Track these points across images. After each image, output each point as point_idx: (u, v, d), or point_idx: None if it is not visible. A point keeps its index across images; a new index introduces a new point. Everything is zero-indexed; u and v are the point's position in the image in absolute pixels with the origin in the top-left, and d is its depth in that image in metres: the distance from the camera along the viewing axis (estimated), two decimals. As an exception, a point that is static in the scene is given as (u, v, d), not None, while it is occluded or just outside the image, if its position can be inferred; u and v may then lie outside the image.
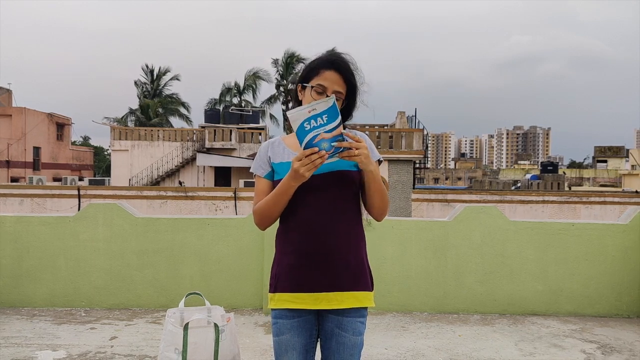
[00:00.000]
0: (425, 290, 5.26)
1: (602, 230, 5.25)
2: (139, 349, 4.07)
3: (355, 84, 1.89)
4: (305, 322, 1.89)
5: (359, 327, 1.89)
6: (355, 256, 1.88)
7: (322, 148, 1.63)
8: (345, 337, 1.86)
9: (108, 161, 45.48)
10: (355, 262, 1.87)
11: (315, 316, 1.91)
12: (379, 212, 1.92)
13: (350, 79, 1.87)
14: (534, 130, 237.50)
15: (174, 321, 2.26)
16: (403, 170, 19.92)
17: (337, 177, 1.84)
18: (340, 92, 1.85)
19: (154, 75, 46.35)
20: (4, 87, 38.24)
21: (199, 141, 30.66)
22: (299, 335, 1.88)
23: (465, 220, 5.26)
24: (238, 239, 5.28)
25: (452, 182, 61.95)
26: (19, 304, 5.24)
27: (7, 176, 32.24)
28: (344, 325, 1.87)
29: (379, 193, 1.85)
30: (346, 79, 1.85)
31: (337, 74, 1.85)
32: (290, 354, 1.88)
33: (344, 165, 1.83)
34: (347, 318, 1.86)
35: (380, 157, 1.96)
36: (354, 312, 1.87)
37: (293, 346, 1.88)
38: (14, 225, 5.27)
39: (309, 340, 1.91)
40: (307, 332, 1.90)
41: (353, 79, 1.88)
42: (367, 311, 1.95)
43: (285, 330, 1.88)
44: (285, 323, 1.88)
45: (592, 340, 4.46)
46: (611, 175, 51.90)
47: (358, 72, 1.91)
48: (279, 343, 1.90)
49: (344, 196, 1.87)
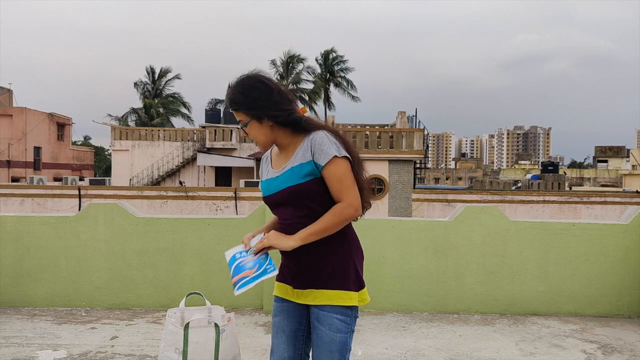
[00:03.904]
0: (426, 290, 5.26)
1: (603, 230, 5.25)
2: (139, 349, 4.07)
3: (250, 105, 1.96)
4: (294, 308, 2.07)
5: (335, 323, 1.96)
6: (325, 258, 1.97)
7: (247, 268, 1.97)
8: (322, 331, 1.96)
9: (109, 161, 45.54)
10: (327, 264, 1.97)
11: (305, 307, 2.06)
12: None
13: (239, 108, 1.98)
14: (534, 130, 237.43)
15: (175, 321, 2.26)
16: (403, 170, 19.91)
17: (287, 194, 1.96)
18: (242, 120, 2.01)
19: (155, 75, 46.39)
20: (4, 87, 38.27)
21: (199, 141, 30.67)
22: (288, 320, 2.08)
23: (466, 220, 5.26)
24: (239, 239, 5.24)
25: (452, 182, 61.94)
26: (19, 304, 5.24)
27: (8, 176, 32.25)
28: (320, 319, 1.98)
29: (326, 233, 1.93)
30: (238, 109, 1.99)
31: (232, 110, 2.03)
32: (280, 336, 2.09)
33: (288, 182, 1.95)
34: (322, 312, 1.97)
35: (335, 154, 1.90)
36: (328, 307, 1.97)
37: (282, 329, 2.09)
38: (14, 225, 5.27)
39: (298, 327, 2.09)
40: (295, 319, 2.08)
41: (242, 105, 1.97)
42: (352, 312, 2.00)
43: (277, 313, 2.11)
44: (277, 306, 2.12)
45: (592, 340, 4.46)
46: (612, 175, 51.89)
47: (247, 91, 1.96)
48: (274, 324, 2.12)
49: (299, 210, 1.96)
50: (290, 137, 2.01)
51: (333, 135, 1.97)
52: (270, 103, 1.94)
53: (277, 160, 2.08)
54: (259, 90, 1.94)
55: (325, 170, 1.91)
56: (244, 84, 1.97)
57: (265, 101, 1.94)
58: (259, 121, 1.97)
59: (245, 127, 2.00)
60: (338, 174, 1.90)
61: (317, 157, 1.91)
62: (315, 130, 1.96)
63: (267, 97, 1.94)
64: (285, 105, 1.97)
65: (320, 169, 1.91)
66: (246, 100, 1.95)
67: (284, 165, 2.01)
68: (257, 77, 1.98)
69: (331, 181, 1.91)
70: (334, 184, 1.91)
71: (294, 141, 2.01)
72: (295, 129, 1.99)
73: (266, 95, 1.94)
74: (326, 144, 1.91)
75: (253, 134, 2.00)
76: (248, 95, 1.95)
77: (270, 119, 1.96)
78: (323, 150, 1.90)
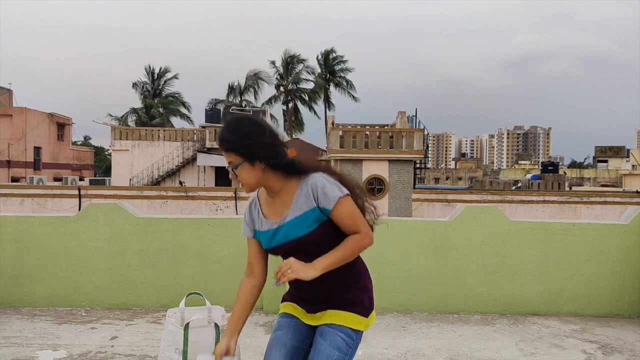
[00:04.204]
0: (426, 290, 5.26)
1: (603, 231, 5.25)
2: (139, 349, 4.07)
3: (242, 147, 1.90)
4: (302, 326, 2.07)
5: (337, 341, 1.97)
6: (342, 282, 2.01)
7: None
8: (323, 345, 1.96)
9: (109, 161, 45.54)
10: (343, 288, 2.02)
11: (312, 328, 2.07)
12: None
13: (230, 149, 1.92)
14: (534, 130, 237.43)
15: (175, 321, 2.26)
16: (403, 170, 19.91)
17: (296, 245, 1.96)
18: (232, 162, 1.93)
19: (155, 75, 46.40)
20: (4, 87, 38.26)
21: (199, 141, 30.69)
22: (293, 335, 2.06)
23: (466, 220, 5.26)
24: (239, 239, 5.27)
25: (452, 182, 61.93)
26: (19, 304, 5.24)
27: (8, 176, 32.25)
28: (324, 334, 1.99)
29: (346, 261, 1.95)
30: (229, 150, 1.92)
31: (223, 150, 1.95)
32: (279, 349, 2.04)
33: (296, 233, 1.95)
34: (329, 328, 1.99)
35: (339, 195, 1.92)
36: (336, 326, 1.99)
37: (284, 343, 2.04)
38: (14, 225, 5.27)
39: (299, 345, 2.06)
40: (300, 337, 2.07)
41: (234, 147, 1.91)
42: (357, 336, 2.02)
43: (281, 327, 2.08)
44: (283, 321, 2.10)
45: (592, 340, 4.46)
46: (612, 175, 51.87)
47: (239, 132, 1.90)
48: (274, 337, 2.07)
49: (309, 255, 1.93)
50: (281, 181, 1.97)
51: (329, 175, 1.97)
52: (263, 145, 1.89)
53: (270, 207, 2.03)
54: (252, 132, 1.89)
55: (334, 212, 1.92)
56: (236, 125, 1.92)
57: (258, 143, 1.89)
58: (251, 163, 1.91)
59: (236, 168, 1.93)
60: (347, 212, 1.93)
61: (322, 203, 1.92)
62: (311, 174, 1.95)
63: (259, 138, 1.89)
64: (278, 148, 1.93)
65: (328, 213, 1.93)
66: (238, 142, 1.90)
67: (283, 214, 1.98)
68: (249, 118, 1.95)
69: (342, 220, 1.94)
70: (346, 221, 1.94)
71: (286, 185, 1.98)
72: (287, 171, 1.95)
73: (259, 137, 1.89)
74: (328, 187, 1.92)
75: (243, 176, 1.94)
76: (240, 136, 1.89)
77: (263, 161, 1.91)
78: (327, 195, 1.91)
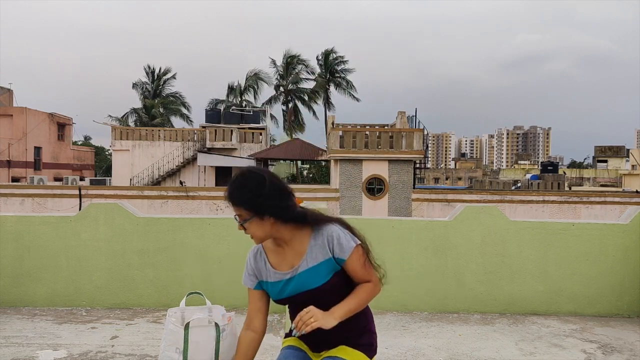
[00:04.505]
0: (426, 290, 5.26)
1: (603, 230, 5.26)
2: (139, 349, 4.08)
3: (251, 203, 1.90)
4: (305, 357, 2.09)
5: None
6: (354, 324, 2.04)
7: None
8: None
9: (109, 161, 45.51)
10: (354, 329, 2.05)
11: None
12: None
13: (239, 205, 1.92)
14: (534, 130, 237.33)
15: (175, 320, 2.26)
16: (403, 170, 19.92)
17: (311, 295, 1.98)
18: (240, 215, 1.94)
19: (155, 76, 46.39)
20: (4, 87, 38.25)
21: (199, 141, 30.69)
22: None
23: (466, 220, 5.26)
24: (239, 239, 5.28)
25: (452, 182, 61.93)
26: (19, 304, 5.25)
27: (8, 176, 32.23)
28: None
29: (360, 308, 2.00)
30: (238, 206, 1.92)
31: (231, 205, 1.95)
32: None
33: (311, 284, 1.97)
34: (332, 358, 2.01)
35: (354, 245, 1.97)
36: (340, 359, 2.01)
37: None
38: (15, 225, 5.27)
39: None
40: None
41: (242, 203, 1.91)
42: None
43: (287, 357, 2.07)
44: (288, 352, 2.10)
45: (592, 340, 4.46)
46: (611, 175, 51.86)
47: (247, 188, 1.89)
48: None
49: (322, 304, 1.95)
50: (292, 232, 1.98)
51: (343, 225, 2.02)
52: (272, 200, 1.88)
53: (279, 257, 2.04)
54: (260, 188, 1.88)
55: (348, 262, 1.96)
56: (244, 181, 1.90)
57: (266, 198, 1.87)
58: (260, 218, 1.91)
59: (245, 223, 1.93)
60: (361, 261, 1.99)
61: (338, 253, 1.95)
62: (325, 224, 1.98)
63: (268, 194, 1.88)
64: (287, 201, 1.93)
65: (343, 263, 1.97)
66: (247, 198, 1.89)
67: (295, 265, 1.99)
68: (257, 173, 1.93)
69: (355, 269, 1.98)
70: (359, 270, 1.99)
71: (297, 235, 1.99)
72: (298, 223, 1.97)
73: (267, 192, 1.88)
74: (343, 238, 1.96)
75: (252, 230, 1.95)
76: (249, 192, 1.89)
77: (272, 216, 1.91)
78: (343, 245, 1.95)
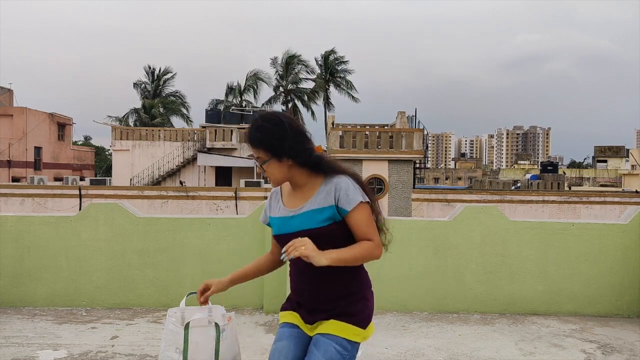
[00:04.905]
0: (426, 290, 5.27)
1: (602, 230, 5.26)
2: (139, 349, 4.08)
3: (270, 145, 1.95)
4: (303, 336, 2.08)
5: (331, 351, 1.96)
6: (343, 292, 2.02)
7: None
8: (316, 355, 1.97)
9: (109, 161, 45.48)
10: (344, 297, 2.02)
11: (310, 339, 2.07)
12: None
13: (258, 146, 1.97)
14: (534, 130, 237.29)
15: (175, 320, 2.26)
16: (403, 170, 19.92)
17: (304, 236, 1.93)
18: (259, 157, 2.00)
19: (155, 76, 46.39)
20: (5, 87, 38.24)
21: (200, 141, 30.68)
22: (295, 347, 2.06)
23: (466, 220, 5.26)
24: (239, 239, 5.28)
25: (452, 182, 61.93)
26: (20, 304, 5.25)
27: (8, 176, 32.23)
28: (318, 344, 1.99)
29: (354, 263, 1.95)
30: (257, 147, 1.98)
31: (251, 146, 2.02)
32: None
33: (309, 224, 1.98)
34: (323, 338, 1.99)
35: (361, 200, 1.96)
36: (331, 336, 1.99)
37: (286, 355, 2.05)
38: (15, 225, 5.28)
39: (302, 355, 2.06)
40: (302, 347, 2.07)
41: (262, 144, 1.96)
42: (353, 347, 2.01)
43: (283, 338, 2.09)
44: (285, 331, 2.10)
45: (592, 340, 4.46)
46: (611, 175, 51.86)
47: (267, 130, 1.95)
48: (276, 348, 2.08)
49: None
50: (307, 177, 2.03)
51: (355, 180, 2.02)
52: (291, 142, 1.94)
53: (291, 198, 2.08)
54: (280, 129, 1.94)
55: (351, 215, 1.96)
56: (264, 123, 1.97)
57: (285, 140, 1.94)
58: (279, 160, 1.97)
59: (264, 164, 1.99)
60: (365, 218, 1.97)
61: (342, 203, 1.95)
62: (338, 175, 2.00)
63: (288, 136, 1.94)
64: (305, 145, 1.98)
65: (345, 214, 1.96)
66: (266, 139, 1.95)
67: (300, 205, 2.03)
68: (277, 116, 1.98)
69: (358, 225, 1.96)
70: (362, 227, 1.96)
71: (310, 181, 2.03)
72: (313, 169, 2.01)
73: (287, 135, 1.94)
74: (351, 190, 1.96)
75: (270, 172, 2.01)
76: (268, 134, 1.95)
77: (291, 158, 1.97)
78: (349, 197, 1.95)
